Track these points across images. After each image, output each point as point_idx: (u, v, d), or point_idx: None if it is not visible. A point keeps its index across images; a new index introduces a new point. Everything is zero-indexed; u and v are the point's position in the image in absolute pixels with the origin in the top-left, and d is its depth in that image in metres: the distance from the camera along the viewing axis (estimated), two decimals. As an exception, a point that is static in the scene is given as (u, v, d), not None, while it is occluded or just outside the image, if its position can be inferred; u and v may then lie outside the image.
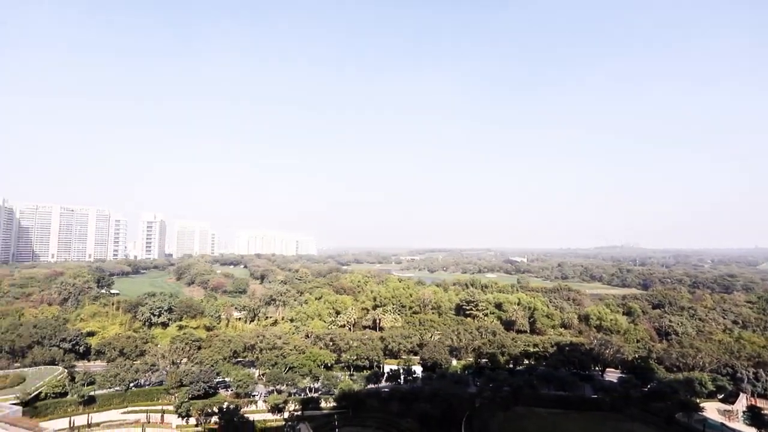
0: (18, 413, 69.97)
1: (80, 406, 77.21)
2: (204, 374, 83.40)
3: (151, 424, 75.23)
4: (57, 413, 74.75)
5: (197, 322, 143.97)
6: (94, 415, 76.13)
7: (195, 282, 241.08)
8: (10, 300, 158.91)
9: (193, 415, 74.41)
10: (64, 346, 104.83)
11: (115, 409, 78.96)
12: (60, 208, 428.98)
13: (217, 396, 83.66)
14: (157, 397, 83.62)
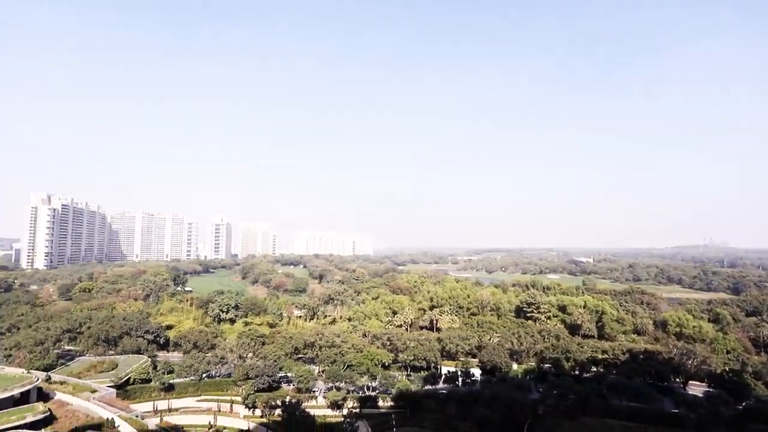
0: (112, 395, 78.32)
1: (161, 392, 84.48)
2: (268, 368, 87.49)
3: (221, 413, 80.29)
4: (142, 397, 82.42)
5: (261, 319, 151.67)
6: (173, 401, 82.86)
7: (258, 281, 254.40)
8: (104, 295, 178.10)
9: (258, 407, 78.29)
10: (147, 337, 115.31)
11: (191, 396, 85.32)
12: (142, 213, 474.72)
13: (280, 390, 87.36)
14: (226, 388, 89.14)
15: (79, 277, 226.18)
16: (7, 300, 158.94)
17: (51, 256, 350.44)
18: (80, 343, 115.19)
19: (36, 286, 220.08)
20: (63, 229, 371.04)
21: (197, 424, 76.09)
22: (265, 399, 78.93)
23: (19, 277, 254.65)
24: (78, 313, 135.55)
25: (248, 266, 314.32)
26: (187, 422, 76.24)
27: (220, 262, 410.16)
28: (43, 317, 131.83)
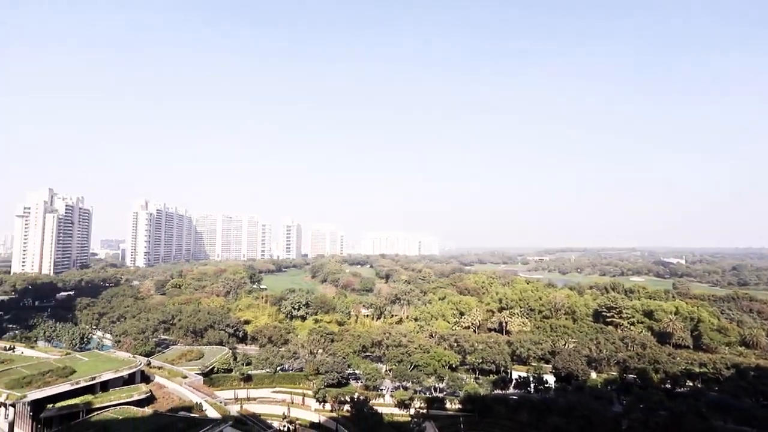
0: (200, 381, 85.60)
1: (241, 381, 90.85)
2: (337, 365, 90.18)
3: (294, 405, 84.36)
4: (225, 385, 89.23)
5: (330, 317, 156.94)
6: (251, 390, 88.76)
7: (327, 280, 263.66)
8: (192, 291, 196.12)
9: (328, 401, 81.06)
10: (228, 330, 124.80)
11: (266, 387, 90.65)
12: (222, 216, 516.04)
13: (349, 386, 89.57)
14: (298, 382, 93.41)
15: (171, 275, 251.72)
16: (116, 293, 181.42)
17: (149, 256, 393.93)
18: (173, 333, 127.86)
19: (137, 282, 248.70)
20: (158, 231, 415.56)
21: (273, 414, 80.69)
22: (334, 394, 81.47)
23: (124, 274, 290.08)
24: (171, 306, 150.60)
25: (317, 266, 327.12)
26: (264, 411, 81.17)
27: (292, 262, 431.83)
28: (144, 309, 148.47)
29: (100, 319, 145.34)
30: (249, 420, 72.72)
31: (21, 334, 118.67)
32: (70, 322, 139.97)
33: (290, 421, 77.36)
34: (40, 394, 63.46)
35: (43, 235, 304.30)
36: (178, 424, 55.34)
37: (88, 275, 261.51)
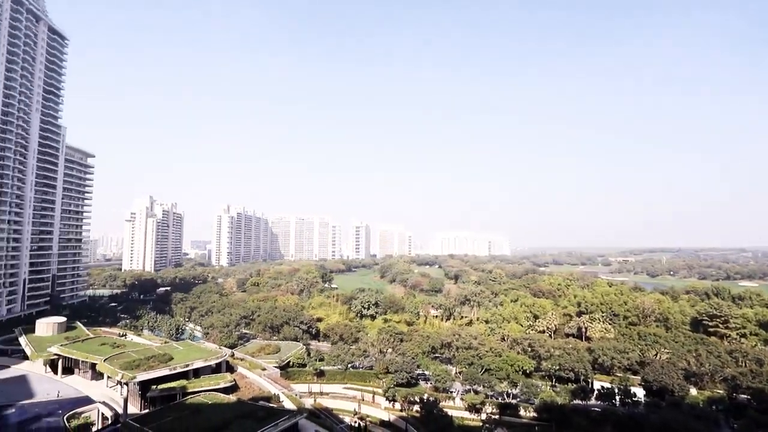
0: (277, 374, 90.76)
1: (314, 376, 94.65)
2: (406, 365, 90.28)
3: (365, 402, 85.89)
4: (299, 379, 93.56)
5: (399, 317, 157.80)
6: (323, 386, 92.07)
7: (396, 280, 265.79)
8: (269, 289, 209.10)
9: (398, 400, 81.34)
10: (302, 327, 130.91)
11: (338, 384, 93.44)
12: (295, 218, 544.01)
13: (418, 387, 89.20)
14: (368, 379, 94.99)
15: (250, 273, 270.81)
16: (204, 290, 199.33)
17: (231, 255, 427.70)
18: (252, 328, 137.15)
19: (222, 280, 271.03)
20: (238, 233, 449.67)
21: (344, 409, 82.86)
22: (404, 394, 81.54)
23: (210, 272, 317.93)
24: (250, 303, 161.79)
25: (386, 266, 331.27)
26: (336, 406, 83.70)
27: (361, 262, 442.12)
28: (228, 305, 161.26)
29: (192, 312, 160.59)
30: (322, 413, 75.50)
31: (130, 323, 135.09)
32: (168, 314, 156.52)
33: (361, 418, 78.86)
34: (146, 376, 71.70)
35: (145, 237, 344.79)
36: (258, 412, 58.95)
37: (181, 273, 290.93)
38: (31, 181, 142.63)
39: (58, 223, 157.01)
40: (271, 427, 52.95)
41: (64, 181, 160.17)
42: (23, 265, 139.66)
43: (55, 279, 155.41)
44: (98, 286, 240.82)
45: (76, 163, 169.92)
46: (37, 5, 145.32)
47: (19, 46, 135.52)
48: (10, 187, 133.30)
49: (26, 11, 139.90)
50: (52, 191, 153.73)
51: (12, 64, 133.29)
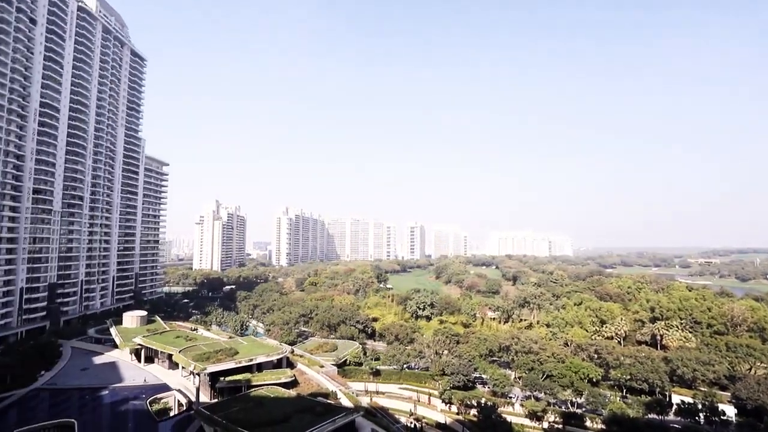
0: (334, 371, 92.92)
1: (370, 375, 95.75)
2: (463, 367, 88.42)
3: (420, 403, 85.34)
4: (355, 377, 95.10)
5: (455, 319, 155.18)
6: (379, 385, 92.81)
7: (451, 281, 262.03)
8: (326, 288, 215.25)
9: (454, 403, 79.86)
10: (358, 326, 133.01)
11: (394, 384, 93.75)
12: (350, 219, 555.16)
13: (475, 390, 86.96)
14: (424, 381, 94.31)
15: (308, 273, 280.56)
16: (266, 289, 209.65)
17: (290, 256, 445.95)
18: (311, 326, 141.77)
19: (281, 279, 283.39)
20: (296, 234, 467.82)
21: (400, 410, 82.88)
22: (460, 397, 79.89)
23: (271, 272, 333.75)
24: (308, 302, 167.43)
25: (441, 266, 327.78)
26: (392, 406, 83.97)
27: (416, 263, 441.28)
28: (287, 303, 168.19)
29: (254, 310, 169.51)
30: (378, 412, 76.09)
31: (200, 318, 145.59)
32: (233, 311, 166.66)
33: (417, 419, 78.44)
34: (215, 368, 76.77)
35: (212, 239, 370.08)
36: (317, 407, 60.66)
37: (244, 272, 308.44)
38: (118, 188, 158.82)
39: (140, 226, 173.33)
40: (328, 423, 54.18)
41: (144, 188, 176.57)
42: (113, 264, 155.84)
43: (137, 277, 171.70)
44: (173, 284, 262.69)
45: (153, 171, 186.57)
46: (121, 32, 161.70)
47: (107, 69, 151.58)
48: (102, 194, 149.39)
49: (113, 38, 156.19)
50: (134, 197, 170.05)
51: (102, 86, 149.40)
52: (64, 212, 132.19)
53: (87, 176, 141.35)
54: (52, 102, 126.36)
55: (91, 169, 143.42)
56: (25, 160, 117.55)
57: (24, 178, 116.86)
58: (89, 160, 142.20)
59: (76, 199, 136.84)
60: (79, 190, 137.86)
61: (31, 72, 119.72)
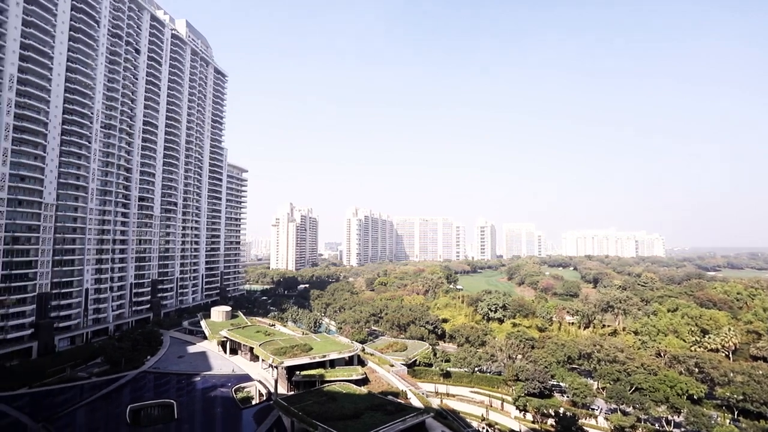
0: (404, 371, 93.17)
1: (440, 377, 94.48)
2: (538, 374, 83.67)
3: (492, 408, 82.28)
4: (425, 378, 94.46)
5: (529, 322, 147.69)
6: (450, 387, 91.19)
7: (525, 282, 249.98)
8: (395, 288, 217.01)
9: (529, 411, 75.78)
10: (428, 327, 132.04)
11: (464, 387, 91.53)
12: (419, 219, 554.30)
13: (553, 399, 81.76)
14: (496, 385, 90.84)
15: (377, 273, 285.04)
16: (337, 288, 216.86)
17: (360, 256, 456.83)
18: (381, 325, 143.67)
19: (352, 279, 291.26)
20: (366, 235, 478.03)
21: (471, 413, 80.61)
22: (536, 404, 75.65)
23: (342, 271, 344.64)
24: (378, 302, 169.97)
25: (514, 267, 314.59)
26: (463, 409, 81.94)
27: (486, 263, 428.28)
28: (358, 303, 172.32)
29: (327, 308, 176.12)
30: (449, 415, 74.68)
31: (277, 315, 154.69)
32: (307, 308, 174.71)
33: (489, 425, 75.75)
34: (291, 362, 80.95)
35: (287, 240, 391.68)
36: (387, 405, 61.14)
37: (317, 272, 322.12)
38: (205, 195, 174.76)
39: (224, 229, 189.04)
40: (399, 422, 54.30)
41: (227, 193, 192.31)
42: (201, 263, 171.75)
43: (222, 275, 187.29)
44: (252, 282, 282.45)
45: (234, 178, 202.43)
46: (206, 53, 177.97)
47: (195, 87, 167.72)
48: (192, 200, 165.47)
49: (200, 59, 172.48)
50: (219, 202, 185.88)
51: (191, 102, 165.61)
52: (162, 217, 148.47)
53: (180, 184, 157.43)
54: (152, 120, 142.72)
55: (183, 177, 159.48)
56: (133, 172, 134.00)
57: (131, 188, 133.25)
58: (181, 169, 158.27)
59: (171, 204, 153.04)
60: (174, 197, 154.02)
61: (136, 95, 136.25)
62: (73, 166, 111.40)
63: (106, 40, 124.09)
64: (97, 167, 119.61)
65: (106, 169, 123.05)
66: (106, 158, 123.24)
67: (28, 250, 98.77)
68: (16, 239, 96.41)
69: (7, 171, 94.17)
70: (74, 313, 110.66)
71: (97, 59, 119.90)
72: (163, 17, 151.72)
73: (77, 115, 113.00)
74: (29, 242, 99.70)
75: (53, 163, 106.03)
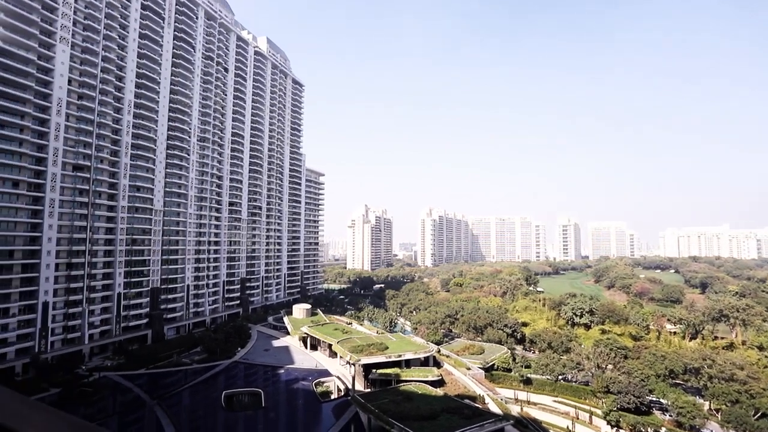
0: (481, 375, 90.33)
1: (520, 384, 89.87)
2: (634, 387, 75.68)
3: (579, 421, 76.19)
4: (504, 384, 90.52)
5: (621, 329, 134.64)
6: (531, 394, 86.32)
7: (615, 285, 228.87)
8: (471, 290, 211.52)
9: (623, 428, 68.83)
10: (506, 330, 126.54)
11: (547, 395, 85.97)
12: (495, 219, 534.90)
13: (651, 416, 73.39)
14: (583, 396, 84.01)
15: (453, 274, 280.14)
16: (412, 288, 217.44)
17: (434, 257, 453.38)
18: (456, 327, 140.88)
19: (427, 279, 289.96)
20: (440, 235, 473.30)
21: (555, 425, 75.47)
22: (632, 421, 68.56)
23: (417, 272, 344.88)
24: (454, 303, 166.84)
25: (601, 269, 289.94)
26: (545, 419, 77.05)
27: (570, 264, 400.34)
28: (433, 303, 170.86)
29: (402, 308, 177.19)
30: (530, 424, 70.73)
31: (354, 314, 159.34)
32: (382, 308, 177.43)
33: (577, 439, 70.28)
34: (367, 360, 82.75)
35: (363, 241, 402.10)
36: (464, 409, 59.65)
37: (392, 272, 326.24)
38: (286, 199, 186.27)
39: (303, 231, 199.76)
40: (476, 427, 52.67)
41: (305, 197, 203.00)
42: (284, 263, 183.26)
43: (302, 274, 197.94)
44: (330, 282, 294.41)
45: (312, 182, 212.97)
46: (285, 66, 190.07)
47: (275, 98, 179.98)
48: (274, 204, 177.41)
49: (279, 72, 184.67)
50: (298, 206, 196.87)
51: (272, 113, 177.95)
52: (249, 220, 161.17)
53: (263, 189, 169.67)
54: (239, 131, 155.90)
55: (266, 183, 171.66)
56: (223, 180, 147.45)
57: (223, 194, 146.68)
58: (264, 175, 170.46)
59: (256, 208, 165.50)
60: (258, 201, 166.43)
61: (225, 109, 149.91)
62: (175, 176, 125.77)
63: (201, 63, 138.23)
64: (194, 176, 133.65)
65: (201, 178, 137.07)
66: (202, 168, 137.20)
67: (143, 251, 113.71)
68: (135, 241, 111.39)
69: (127, 183, 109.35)
70: (178, 306, 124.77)
71: (194, 80, 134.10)
72: (246, 36, 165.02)
73: (178, 131, 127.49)
74: (144, 243, 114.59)
75: (161, 174, 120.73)
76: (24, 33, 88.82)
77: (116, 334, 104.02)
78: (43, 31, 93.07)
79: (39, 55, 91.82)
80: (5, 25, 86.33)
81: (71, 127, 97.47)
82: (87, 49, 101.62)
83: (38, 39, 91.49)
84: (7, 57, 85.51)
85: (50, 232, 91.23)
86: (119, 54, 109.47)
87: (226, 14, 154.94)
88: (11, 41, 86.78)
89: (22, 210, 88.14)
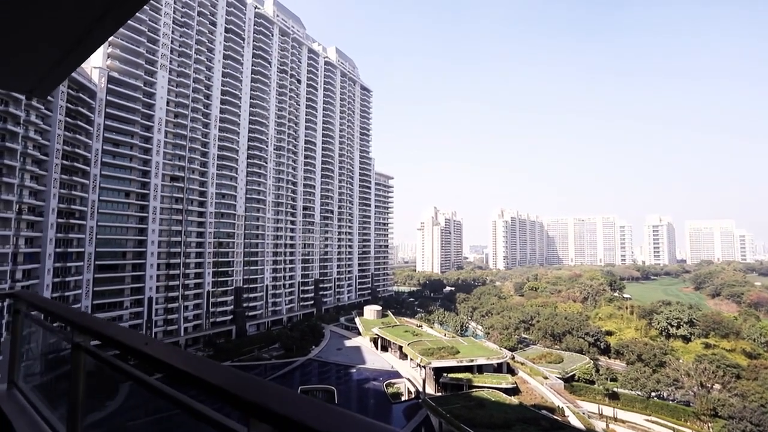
0: (560, 385, 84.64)
1: (605, 398, 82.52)
2: (750, 413, 65.63)
3: (680, 445, 67.91)
4: (585, 396, 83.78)
5: (731, 344, 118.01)
6: (618, 410, 78.81)
7: (721, 294, 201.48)
8: (548, 294, 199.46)
9: (736, 457, 60.02)
10: (587, 339, 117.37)
11: (637, 413, 77.85)
12: (573, 219, 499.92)
13: (774, 446, 62.99)
14: (683, 418, 74.73)
15: (527, 277, 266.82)
16: (484, 292, 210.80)
17: (507, 259, 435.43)
18: (531, 334, 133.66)
19: (499, 283, 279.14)
20: (513, 237, 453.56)
21: (649, 447, 68.13)
22: (746, 450, 59.48)
23: (488, 275, 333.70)
24: (529, 308, 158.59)
25: (703, 274, 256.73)
26: (637, 440, 69.92)
27: (662, 269, 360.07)
28: (506, 308, 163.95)
29: (473, 312, 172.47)
30: (619, 443, 64.61)
31: (424, 317, 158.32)
32: (453, 311, 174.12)
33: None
34: (438, 364, 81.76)
35: (432, 243, 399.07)
36: (541, 421, 56.32)
37: (462, 275, 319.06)
38: (356, 202, 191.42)
39: (373, 233, 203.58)
40: (555, 442, 49.33)
41: (375, 200, 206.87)
42: (355, 265, 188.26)
43: (372, 276, 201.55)
44: (399, 284, 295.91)
45: (381, 185, 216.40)
46: (353, 73, 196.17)
47: (345, 105, 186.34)
48: (345, 208, 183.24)
49: (348, 80, 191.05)
50: (368, 209, 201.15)
51: (342, 119, 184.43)
52: (321, 223, 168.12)
53: (335, 194, 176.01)
54: (311, 138, 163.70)
55: (337, 187, 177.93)
56: (297, 185, 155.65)
57: (297, 199, 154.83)
58: (335, 180, 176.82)
59: (328, 212, 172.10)
60: (330, 205, 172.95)
61: (298, 118, 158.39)
62: (255, 183, 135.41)
63: (276, 76, 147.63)
64: (271, 183, 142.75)
65: (277, 184, 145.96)
66: (278, 175, 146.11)
67: (227, 253, 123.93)
68: (221, 244, 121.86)
69: (214, 190, 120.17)
70: (258, 304, 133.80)
71: (270, 93, 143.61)
72: (317, 48, 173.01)
73: (257, 141, 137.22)
74: (228, 246, 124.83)
75: (242, 182, 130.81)
76: (134, 64, 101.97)
77: (206, 328, 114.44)
78: (148, 60, 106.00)
79: (144, 81, 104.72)
80: (120, 59, 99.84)
81: (168, 143, 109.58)
82: (181, 73, 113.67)
83: (144, 68, 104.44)
84: (122, 86, 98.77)
85: (153, 235, 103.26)
86: (207, 75, 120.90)
87: (298, 29, 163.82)
88: (124, 72, 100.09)
89: (132, 216, 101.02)
